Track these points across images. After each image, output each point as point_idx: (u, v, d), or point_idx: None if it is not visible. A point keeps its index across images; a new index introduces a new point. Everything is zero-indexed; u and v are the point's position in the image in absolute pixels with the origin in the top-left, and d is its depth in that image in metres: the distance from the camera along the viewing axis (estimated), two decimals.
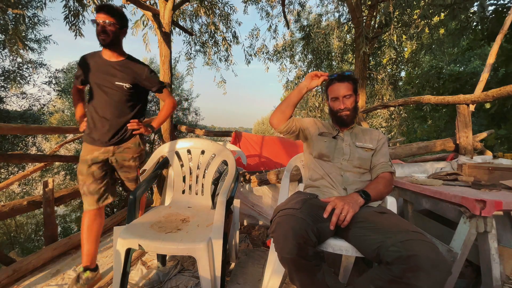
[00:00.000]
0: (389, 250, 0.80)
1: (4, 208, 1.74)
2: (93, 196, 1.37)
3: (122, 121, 1.42)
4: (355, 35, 5.41)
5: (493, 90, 1.98)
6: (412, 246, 0.77)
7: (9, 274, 1.39)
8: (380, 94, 7.69)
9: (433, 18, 5.33)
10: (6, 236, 9.31)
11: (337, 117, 1.25)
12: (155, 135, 11.37)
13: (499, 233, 1.12)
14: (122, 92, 1.39)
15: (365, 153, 1.23)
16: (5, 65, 6.86)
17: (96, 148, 1.39)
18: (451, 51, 7.85)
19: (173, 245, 1.05)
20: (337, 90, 1.22)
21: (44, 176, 8.99)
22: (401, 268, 0.76)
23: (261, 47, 7.74)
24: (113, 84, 1.37)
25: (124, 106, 1.42)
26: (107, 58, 1.39)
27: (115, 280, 1.12)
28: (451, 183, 1.38)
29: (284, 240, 0.86)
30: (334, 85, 1.24)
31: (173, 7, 3.09)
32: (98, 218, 1.40)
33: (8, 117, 6.77)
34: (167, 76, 3.07)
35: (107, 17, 1.30)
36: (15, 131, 1.79)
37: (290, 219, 0.91)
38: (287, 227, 0.88)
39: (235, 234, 1.60)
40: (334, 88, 1.24)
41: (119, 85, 1.37)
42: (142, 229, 1.15)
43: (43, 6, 5.44)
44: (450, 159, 2.27)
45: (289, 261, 0.86)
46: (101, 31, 1.30)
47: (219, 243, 1.11)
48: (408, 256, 0.76)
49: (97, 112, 1.38)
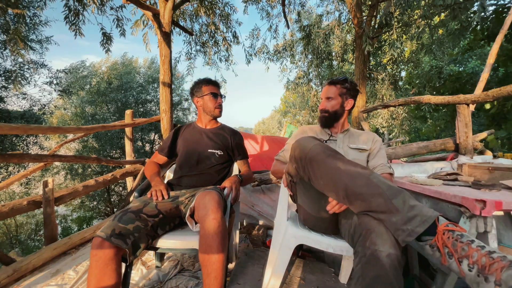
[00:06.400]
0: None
1: (4, 208, 1.74)
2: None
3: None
4: (355, 35, 5.41)
5: (493, 90, 1.98)
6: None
7: (9, 274, 1.39)
8: (380, 94, 7.69)
9: (433, 18, 5.33)
10: (6, 236, 9.32)
11: (319, 117, 1.34)
12: (155, 135, 11.39)
13: (500, 233, 1.11)
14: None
15: (359, 154, 1.24)
16: (6, 65, 6.87)
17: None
18: (451, 51, 7.84)
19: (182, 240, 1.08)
20: (324, 92, 1.33)
21: (44, 176, 8.99)
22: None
23: (261, 47, 7.74)
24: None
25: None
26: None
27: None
28: (451, 183, 1.38)
29: (307, 140, 0.95)
30: (324, 87, 1.34)
31: (173, 7, 3.09)
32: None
33: (9, 117, 6.78)
34: (167, 76, 3.07)
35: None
36: (15, 131, 1.78)
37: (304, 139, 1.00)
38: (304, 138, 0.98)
39: (235, 234, 1.60)
40: (323, 90, 1.34)
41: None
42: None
43: (44, 6, 5.44)
44: (450, 159, 2.27)
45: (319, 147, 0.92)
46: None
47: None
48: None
49: None
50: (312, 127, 1.39)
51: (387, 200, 0.76)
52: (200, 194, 1.07)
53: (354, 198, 0.80)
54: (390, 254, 0.71)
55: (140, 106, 10.87)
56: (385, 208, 0.75)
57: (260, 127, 31.15)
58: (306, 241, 1.05)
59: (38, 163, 3.45)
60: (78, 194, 2.27)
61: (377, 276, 0.70)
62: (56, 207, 2.06)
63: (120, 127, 3.37)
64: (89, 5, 4.10)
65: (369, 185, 0.79)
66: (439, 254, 0.72)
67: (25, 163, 6.89)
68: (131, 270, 1.09)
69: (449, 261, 0.69)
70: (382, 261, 0.71)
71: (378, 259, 0.71)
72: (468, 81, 7.61)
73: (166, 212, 1.13)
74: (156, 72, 11.62)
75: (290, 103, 19.95)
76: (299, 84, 8.92)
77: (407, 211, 0.74)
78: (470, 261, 0.64)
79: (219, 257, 0.94)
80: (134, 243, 0.96)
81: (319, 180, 0.88)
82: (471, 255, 0.65)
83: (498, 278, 0.58)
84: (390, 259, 0.71)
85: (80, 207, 10.60)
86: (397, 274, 0.70)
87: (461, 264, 0.66)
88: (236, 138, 1.52)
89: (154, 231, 1.07)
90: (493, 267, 0.60)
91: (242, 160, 1.53)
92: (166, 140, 1.49)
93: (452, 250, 0.68)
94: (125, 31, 4.61)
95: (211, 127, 1.51)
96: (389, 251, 0.72)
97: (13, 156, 1.96)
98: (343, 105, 1.29)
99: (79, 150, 10.05)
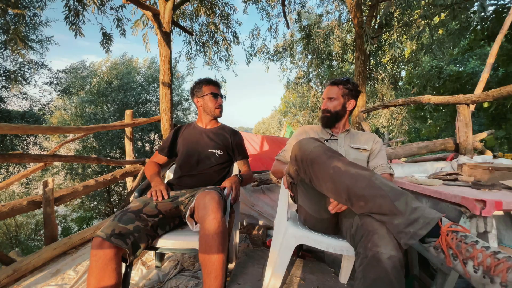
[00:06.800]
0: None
1: (4, 208, 1.74)
2: None
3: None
4: (355, 35, 5.41)
5: (493, 90, 1.98)
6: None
7: (9, 274, 1.39)
8: (381, 94, 7.69)
9: (433, 18, 5.33)
10: (6, 236, 9.32)
11: (320, 117, 1.34)
12: (155, 135, 11.39)
13: (500, 233, 1.11)
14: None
15: (360, 154, 1.24)
16: (6, 65, 6.87)
17: None
18: (451, 51, 7.85)
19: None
20: (326, 92, 1.33)
21: (44, 176, 8.99)
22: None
23: (261, 47, 7.74)
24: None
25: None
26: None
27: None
28: (451, 183, 1.38)
29: (308, 142, 0.95)
30: (326, 88, 1.34)
31: (173, 7, 3.09)
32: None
33: (9, 117, 6.77)
34: (167, 76, 3.07)
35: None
36: (15, 131, 1.78)
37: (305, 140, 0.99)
38: (305, 140, 0.98)
39: (235, 234, 1.60)
40: (325, 90, 1.34)
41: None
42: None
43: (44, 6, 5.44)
44: (450, 159, 2.27)
45: (319, 148, 0.92)
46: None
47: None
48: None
49: None
50: (313, 127, 1.40)
51: (389, 202, 0.75)
52: (200, 194, 1.07)
53: (356, 200, 0.80)
54: (392, 256, 0.71)
55: (140, 106, 10.87)
56: (388, 210, 0.75)
57: (260, 127, 31.14)
58: (306, 241, 1.05)
59: (38, 163, 3.45)
60: (78, 194, 2.27)
61: (379, 278, 0.69)
62: (56, 207, 2.06)
63: (120, 127, 3.37)
64: (89, 5, 4.09)
65: (371, 186, 0.79)
66: (444, 255, 0.71)
67: (25, 163, 6.90)
68: (131, 270, 1.09)
69: (454, 262, 0.68)
70: (383, 263, 0.70)
71: (379, 261, 0.71)
72: (468, 81, 7.61)
73: (166, 212, 1.13)
74: (156, 72, 11.61)
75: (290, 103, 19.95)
76: (299, 84, 8.92)
77: (409, 213, 0.73)
78: (475, 262, 0.64)
79: (219, 257, 0.94)
80: (134, 243, 0.96)
81: (321, 182, 0.87)
82: (476, 256, 0.64)
83: (504, 279, 0.57)
84: (392, 261, 0.70)
85: (80, 207, 10.59)
86: (399, 276, 0.70)
87: (466, 266, 0.66)
88: (236, 138, 1.52)
89: (154, 231, 1.07)
90: (499, 268, 0.59)
91: (242, 160, 1.53)
92: (166, 140, 1.49)
93: (456, 252, 0.68)
94: (125, 31, 4.61)
95: (211, 127, 1.51)
96: (391, 253, 0.71)
97: (13, 156, 1.97)
98: (345, 105, 1.29)
99: (79, 150, 10.04)
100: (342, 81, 1.30)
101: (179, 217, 1.21)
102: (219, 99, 1.46)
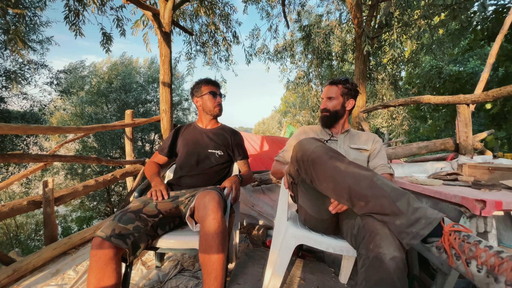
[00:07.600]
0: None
1: (4, 208, 1.74)
2: None
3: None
4: (355, 35, 5.41)
5: (493, 90, 1.98)
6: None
7: (9, 274, 1.39)
8: (381, 94, 7.69)
9: (433, 18, 5.33)
10: (6, 236, 9.32)
11: (320, 117, 1.34)
12: (155, 135, 11.39)
13: (500, 233, 1.11)
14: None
15: (360, 155, 1.24)
16: (6, 65, 6.87)
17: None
18: (451, 51, 7.85)
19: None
20: (325, 92, 1.34)
21: (44, 176, 8.99)
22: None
23: (261, 47, 7.74)
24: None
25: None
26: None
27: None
28: (451, 183, 1.37)
29: (309, 142, 0.95)
30: (325, 87, 1.35)
31: (173, 7, 3.09)
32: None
33: (9, 117, 6.78)
34: (167, 76, 3.07)
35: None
36: (15, 131, 1.78)
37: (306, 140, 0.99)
38: (306, 140, 0.98)
39: (235, 234, 1.60)
40: (324, 89, 1.35)
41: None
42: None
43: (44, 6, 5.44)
44: (450, 159, 2.27)
45: (321, 148, 0.91)
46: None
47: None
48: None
49: None
50: (312, 127, 1.40)
51: (391, 202, 0.75)
52: (200, 194, 1.07)
53: (358, 200, 0.80)
54: (394, 257, 0.71)
55: (140, 106, 10.87)
56: (389, 210, 0.75)
57: (260, 127, 31.16)
58: (306, 241, 1.05)
59: (38, 163, 3.45)
60: (78, 194, 2.27)
61: (381, 279, 0.69)
62: (56, 207, 2.06)
63: (120, 127, 3.37)
64: (89, 5, 4.09)
65: (373, 187, 0.78)
66: (446, 255, 0.71)
67: (25, 163, 6.90)
68: (131, 270, 1.09)
69: (457, 262, 0.68)
70: (386, 264, 0.70)
71: (382, 262, 0.71)
72: (468, 81, 7.62)
73: (166, 212, 1.13)
74: (156, 72, 11.61)
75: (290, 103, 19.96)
76: (299, 84, 8.92)
77: (411, 213, 0.73)
78: (478, 261, 0.63)
79: (219, 257, 0.94)
80: (134, 243, 0.96)
81: (322, 182, 0.87)
82: (479, 256, 0.64)
83: (509, 277, 0.57)
84: (395, 262, 0.70)
85: (80, 207, 10.60)
86: (402, 277, 0.69)
87: (469, 266, 0.65)
88: (236, 138, 1.52)
89: (154, 231, 1.07)
90: (503, 267, 0.58)
91: (242, 160, 1.53)
92: (166, 140, 1.49)
93: (459, 252, 0.67)
94: (125, 31, 4.60)
95: (212, 127, 1.51)
96: (393, 254, 0.71)
97: (13, 156, 1.96)
98: (344, 105, 1.30)
99: (79, 150, 10.05)
100: (341, 80, 1.30)
101: (179, 217, 1.21)
102: (218, 98, 1.47)
